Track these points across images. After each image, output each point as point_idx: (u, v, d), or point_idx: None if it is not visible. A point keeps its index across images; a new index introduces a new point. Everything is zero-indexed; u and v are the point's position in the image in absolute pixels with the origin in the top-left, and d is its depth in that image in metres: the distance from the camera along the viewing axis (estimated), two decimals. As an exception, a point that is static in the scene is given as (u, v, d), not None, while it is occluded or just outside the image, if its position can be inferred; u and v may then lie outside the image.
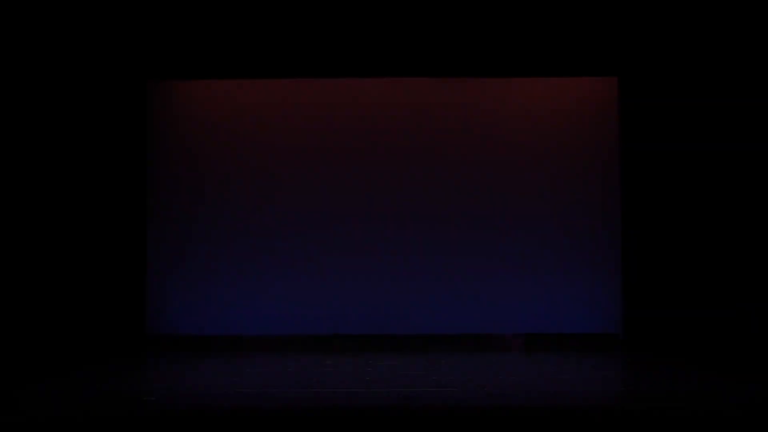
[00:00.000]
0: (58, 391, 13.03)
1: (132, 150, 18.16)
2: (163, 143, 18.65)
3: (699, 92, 15.74)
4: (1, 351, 13.82)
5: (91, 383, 13.65)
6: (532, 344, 17.98)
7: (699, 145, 15.72)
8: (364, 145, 18.71)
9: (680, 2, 15.54)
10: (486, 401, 12.33)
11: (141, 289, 18.35)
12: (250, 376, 14.42)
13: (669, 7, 15.85)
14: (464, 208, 18.58)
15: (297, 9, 16.36)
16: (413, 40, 16.79)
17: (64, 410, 11.44)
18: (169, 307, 18.53)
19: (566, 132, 18.62)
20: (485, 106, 18.74)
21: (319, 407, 11.63)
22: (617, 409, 11.68)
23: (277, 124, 18.73)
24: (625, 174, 18.36)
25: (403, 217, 18.59)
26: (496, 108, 18.73)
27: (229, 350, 18.04)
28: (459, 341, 18.26)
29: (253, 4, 16.24)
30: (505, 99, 18.78)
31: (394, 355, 17.10)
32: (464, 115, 18.68)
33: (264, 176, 18.68)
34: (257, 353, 17.55)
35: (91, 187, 17.02)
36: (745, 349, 14.33)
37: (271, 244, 18.55)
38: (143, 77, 18.28)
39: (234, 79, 18.51)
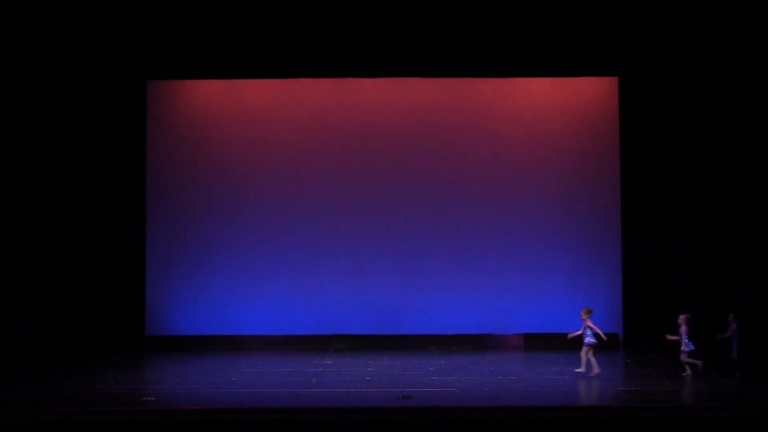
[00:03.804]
0: (58, 392, 13.03)
1: (132, 151, 18.16)
2: (162, 144, 18.63)
3: (697, 92, 15.74)
4: (2, 351, 13.85)
5: (91, 384, 13.65)
6: (534, 344, 17.97)
7: (698, 146, 15.69)
8: (365, 145, 18.70)
9: (681, 3, 15.53)
10: (485, 401, 12.35)
11: (140, 291, 18.36)
12: (249, 376, 14.41)
13: (669, 8, 15.85)
14: (465, 208, 18.54)
15: (295, 9, 16.34)
16: (415, 41, 16.80)
17: (64, 411, 11.46)
18: (167, 309, 18.52)
19: (567, 133, 18.57)
20: (485, 107, 18.70)
21: (319, 407, 11.63)
22: (616, 408, 11.69)
23: (277, 125, 18.71)
24: (625, 176, 18.39)
25: (403, 217, 18.57)
26: (495, 109, 18.69)
27: (228, 350, 18.03)
28: (460, 341, 18.25)
29: (250, 5, 16.24)
30: (505, 100, 18.76)
31: (394, 355, 17.12)
32: (465, 116, 18.64)
33: (263, 176, 18.66)
34: (257, 353, 17.55)
35: (93, 190, 17.01)
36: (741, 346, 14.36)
37: (271, 244, 18.54)
38: (143, 78, 18.30)
39: (233, 79, 18.53)
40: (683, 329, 14.15)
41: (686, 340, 14.09)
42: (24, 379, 13.78)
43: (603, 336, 14.30)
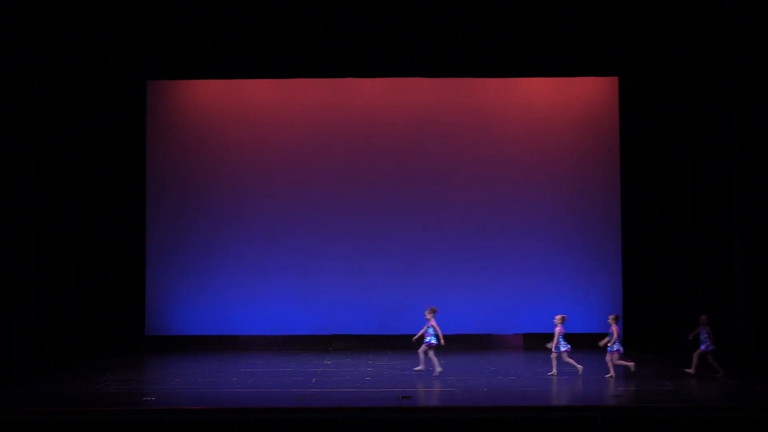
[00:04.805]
0: (58, 392, 13.03)
1: (132, 151, 18.16)
2: (161, 144, 18.62)
3: (697, 92, 15.74)
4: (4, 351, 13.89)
5: (91, 384, 13.66)
6: (534, 344, 17.98)
7: (698, 146, 15.69)
8: (365, 145, 18.68)
9: (680, 4, 15.55)
10: (485, 401, 12.35)
11: (140, 291, 18.36)
12: (249, 376, 14.41)
13: (669, 8, 15.87)
14: (464, 208, 18.52)
15: (294, 11, 16.36)
16: (415, 41, 16.81)
17: (64, 411, 11.46)
18: (167, 309, 18.52)
19: (567, 133, 18.55)
20: (485, 107, 18.68)
21: (319, 407, 11.64)
22: (616, 408, 11.68)
23: (276, 125, 18.69)
24: (625, 176, 18.38)
25: (403, 217, 18.55)
26: (496, 110, 18.68)
27: (228, 350, 18.04)
28: (460, 341, 18.24)
29: (250, 6, 16.25)
30: (505, 100, 18.74)
31: (394, 355, 17.11)
32: (464, 116, 18.62)
33: (263, 176, 18.66)
34: (257, 353, 17.54)
35: (94, 190, 17.01)
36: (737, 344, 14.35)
37: (271, 245, 18.54)
38: (143, 78, 18.28)
39: (233, 80, 18.51)
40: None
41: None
42: (24, 379, 13.78)
43: (442, 339, 14.20)
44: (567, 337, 14.62)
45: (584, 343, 16.75)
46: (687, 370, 14.14)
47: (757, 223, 13.78)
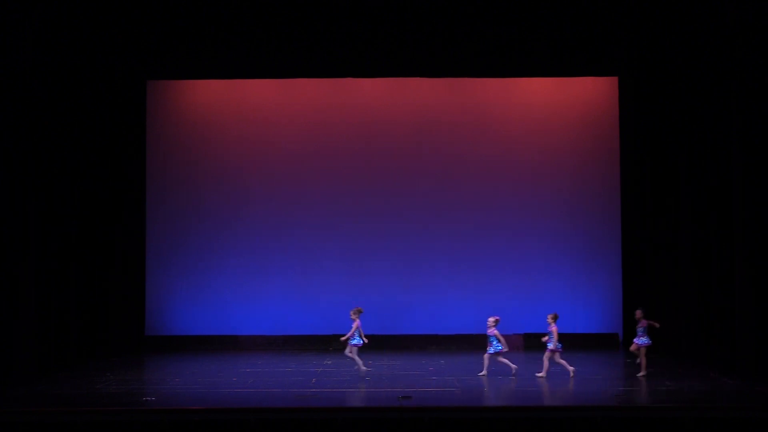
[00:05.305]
0: (58, 392, 13.02)
1: (132, 151, 18.16)
2: (161, 144, 18.63)
3: (697, 92, 15.73)
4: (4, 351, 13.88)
5: (91, 384, 13.65)
6: (534, 344, 17.95)
7: (698, 145, 15.68)
8: (365, 145, 18.67)
9: (680, 4, 15.54)
10: (485, 401, 12.36)
11: (140, 291, 18.36)
12: (249, 376, 14.41)
13: (669, 8, 15.87)
14: (464, 208, 18.53)
15: (294, 11, 16.35)
16: (415, 41, 16.80)
17: (64, 411, 11.46)
18: (167, 309, 18.52)
19: (567, 134, 18.55)
20: (485, 107, 18.69)
21: (319, 407, 11.64)
22: (616, 408, 11.69)
23: (276, 125, 18.70)
24: (625, 176, 18.38)
25: (403, 217, 18.56)
26: (496, 110, 18.68)
27: (228, 350, 18.04)
28: (460, 341, 18.24)
29: (250, 6, 16.25)
30: (505, 100, 18.73)
31: (394, 355, 17.11)
32: (465, 116, 18.61)
33: (263, 176, 18.66)
34: (257, 353, 17.53)
35: (94, 190, 17.00)
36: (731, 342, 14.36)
37: (271, 244, 18.54)
38: (143, 78, 18.28)
39: (233, 80, 18.51)
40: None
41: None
42: (24, 379, 13.78)
43: (364, 338, 14.37)
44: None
45: (584, 344, 16.82)
46: (639, 375, 14.08)
47: (757, 223, 13.77)
